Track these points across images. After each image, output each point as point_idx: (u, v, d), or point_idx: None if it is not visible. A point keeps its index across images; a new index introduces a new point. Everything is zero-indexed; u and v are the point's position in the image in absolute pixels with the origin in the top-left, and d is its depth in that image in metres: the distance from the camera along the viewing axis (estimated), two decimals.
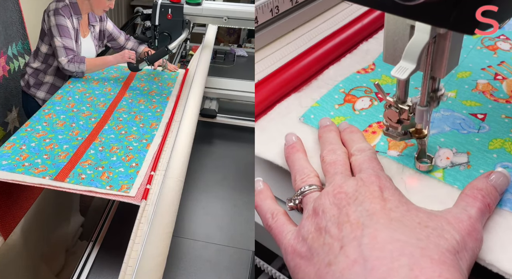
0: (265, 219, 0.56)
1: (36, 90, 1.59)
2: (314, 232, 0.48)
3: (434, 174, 0.60)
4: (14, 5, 1.75)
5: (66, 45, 1.45)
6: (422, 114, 0.62)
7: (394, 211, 0.46)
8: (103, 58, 1.56)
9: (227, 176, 1.32)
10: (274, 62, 0.85)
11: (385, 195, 0.48)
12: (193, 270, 0.99)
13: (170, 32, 1.47)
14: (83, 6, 1.51)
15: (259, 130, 0.71)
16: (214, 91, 1.66)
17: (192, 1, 1.45)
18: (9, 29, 1.74)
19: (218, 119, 1.62)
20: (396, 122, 0.63)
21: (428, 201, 0.55)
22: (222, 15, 1.46)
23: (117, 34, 1.71)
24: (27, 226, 1.27)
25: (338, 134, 0.64)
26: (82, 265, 0.97)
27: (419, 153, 0.67)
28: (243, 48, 2.54)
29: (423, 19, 0.47)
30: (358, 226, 0.45)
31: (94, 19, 1.61)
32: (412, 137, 0.66)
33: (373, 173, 0.52)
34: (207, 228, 1.12)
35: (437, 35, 0.53)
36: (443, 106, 0.71)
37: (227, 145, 1.52)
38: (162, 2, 1.44)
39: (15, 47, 1.81)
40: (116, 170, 1.06)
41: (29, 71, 1.58)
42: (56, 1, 1.47)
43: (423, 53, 0.54)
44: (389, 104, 0.62)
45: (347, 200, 0.48)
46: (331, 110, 0.73)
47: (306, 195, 0.54)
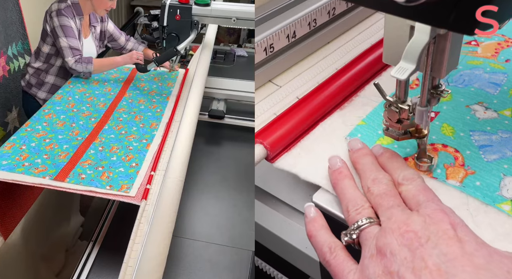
0: (322, 253, 0.51)
1: (37, 90, 1.59)
2: (383, 276, 0.44)
3: (502, 207, 0.54)
4: (14, 5, 1.75)
5: (72, 45, 1.46)
6: (422, 114, 0.62)
7: (477, 256, 0.41)
8: (111, 59, 1.55)
9: (227, 176, 1.32)
10: (313, 77, 0.84)
11: (459, 234, 0.44)
12: (193, 270, 0.99)
13: (178, 33, 1.47)
14: (85, 7, 1.51)
15: (304, 151, 0.68)
16: (220, 92, 1.66)
17: (201, 2, 1.45)
18: (9, 29, 1.74)
19: (209, 119, 1.61)
20: (396, 122, 0.63)
21: (500, 240, 0.50)
22: (231, 16, 1.45)
23: (118, 34, 1.72)
24: (27, 226, 1.27)
25: (375, 158, 0.60)
26: (82, 265, 0.97)
27: (419, 153, 0.67)
28: (243, 48, 2.54)
29: (423, 19, 0.47)
30: (441, 275, 0.40)
31: (95, 20, 1.61)
32: (412, 137, 0.66)
33: (438, 208, 0.47)
34: (207, 228, 1.12)
35: (437, 35, 0.53)
36: (500, 128, 0.65)
37: (227, 145, 1.52)
38: (171, 3, 1.44)
39: (15, 47, 1.81)
40: (116, 170, 1.06)
41: (31, 71, 1.58)
42: (58, 2, 1.47)
43: (423, 53, 0.54)
44: (389, 103, 0.62)
45: (419, 241, 0.44)
46: (379, 129, 0.69)
47: (363, 230, 0.50)
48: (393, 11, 0.49)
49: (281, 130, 0.70)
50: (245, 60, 2.23)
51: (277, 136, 0.69)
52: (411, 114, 0.62)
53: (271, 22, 0.86)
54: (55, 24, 1.45)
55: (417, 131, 0.65)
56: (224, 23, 1.51)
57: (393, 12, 0.49)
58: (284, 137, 0.69)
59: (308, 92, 0.77)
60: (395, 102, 0.61)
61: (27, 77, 1.59)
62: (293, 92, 0.82)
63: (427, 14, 0.45)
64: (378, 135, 0.68)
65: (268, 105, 0.80)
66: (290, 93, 0.81)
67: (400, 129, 0.64)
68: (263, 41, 0.82)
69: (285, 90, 0.83)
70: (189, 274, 0.97)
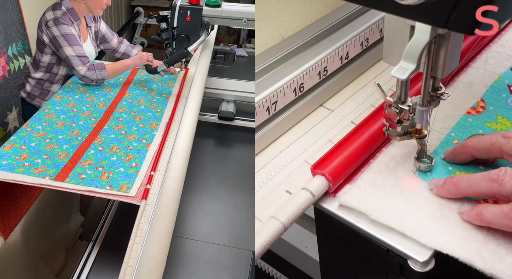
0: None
1: (41, 100, 1.53)
2: None
3: None
4: (14, 5, 1.75)
5: (79, 54, 1.41)
6: (422, 114, 0.62)
7: None
8: (122, 62, 1.52)
9: (227, 176, 1.32)
10: (366, 99, 0.83)
11: None
12: (193, 270, 0.99)
13: (188, 34, 1.45)
14: (80, 10, 1.46)
15: (369, 185, 0.64)
16: (230, 94, 1.64)
17: (212, 3, 1.43)
18: (9, 29, 1.74)
19: (219, 120, 1.61)
20: (396, 122, 0.63)
21: None
22: (242, 17, 1.44)
23: (110, 36, 1.65)
24: (27, 226, 1.27)
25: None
26: (82, 265, 0.97)
27: (419, 153, 0.67)
28: (243, 48, 2.54)
29: (423, 19, 0.47)
30: None
31: (90, 20, 1.57)
32: (412, 137, 0.66)
33: None
34: (207, 228, 1.12)
35: (437, 35, 0.53)
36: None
37: (227, 145, 1.52)
38: (181, 4, 1.42)
39: (15, 47, 1.81)
40: (116, 170, 1.06)
41: (32, 82, 1.52)
42: (52, 10, 1.41)
43: (423, 53, 0.54)
44: (389, 104, 0.62)
45: None
46: (449, 165, 0.66)
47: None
48: (393, 11, 0.49)
49: (341, 159, 0.64)
50: (245, 60, 2.22)
51: (337, 166, 0.63)
52: (411, 115, 0.63)
53: (323, 44, 0.86)
54: (56, 33, 1.39)
55: (417, 131, 0.65)
56: (235, 25, 1.49)
57: (393, 12, 0.49)
58: (345, 168, 0.64)
59: (364, 119, 0.72)
60: (395, 103, 0.61)
61: (28, 89, 1.53)
62: (347, 117, 0.79)
63: (427, 13, 0.45)
64: (449, 172, 0.65)
65: (322, 131, 0.78)
66: (344, 117, 0.79)
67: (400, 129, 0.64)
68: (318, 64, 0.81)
69: (338, 114, 0.81)
70: (189, 274, 0.97)
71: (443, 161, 0.67)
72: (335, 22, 0.90)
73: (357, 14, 0.93)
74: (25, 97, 1.56)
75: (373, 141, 0.68)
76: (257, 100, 0.75)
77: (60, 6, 1.42)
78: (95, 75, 1.43)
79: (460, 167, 0.65)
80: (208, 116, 1.61)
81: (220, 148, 1.50)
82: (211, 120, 1.60)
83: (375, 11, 0.90)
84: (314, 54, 0.84)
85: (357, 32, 0.88)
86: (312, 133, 0.79)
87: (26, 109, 1.59)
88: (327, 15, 0.93)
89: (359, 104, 0.84)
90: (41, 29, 1.43)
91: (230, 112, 1.59)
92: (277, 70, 0.82)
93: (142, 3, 3.44)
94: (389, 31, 0.59)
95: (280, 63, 0.83)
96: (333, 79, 0.87)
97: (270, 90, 0.77)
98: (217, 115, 1.59)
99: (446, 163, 0.67)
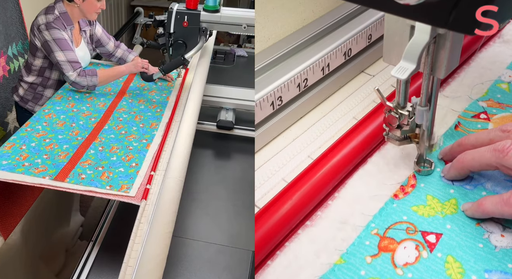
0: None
1: (34, 104, 1.51)
2: None
3: None
4: (14, 5, 1.75)
5: (70, 59, 1.38)
6: (423, 114, 0.62)
7: None
8: (115, 69, 1.48)
9: (227, 176, 1.32)
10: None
11: None
12: (193, 270, 0.99)
13: (186, 40, 1.39)
14: (74, 15, 1.43)
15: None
16: (230, 101, 1.58)
17: (210, 8, 1.37)
18: (9, 29, 1.74)
19: (218, 130, 1.55)
20: (396, 127, 0.63)
21: None
22: (241, 23, 1.37)
23: (106, 40, 1.61)
24: (27, 226, 1.27)
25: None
26: (82, 265, 0.97)
27: (418, 158, 0.67)
28: (243, 48, 2.54)
29: (423, 19, 0.47)
30: None
31: (85, 24, 1.53)
32: (411, 141, 0.66)
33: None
34: (207, 228, 1.11)
35: (437, 35, 0.53)
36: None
37: (227, 145, 1.52)
38: (178, 9, 1.37)
39: (15, 47, 1.81)
40: (116, 170, 1.06)
41: (25, 86, 1.49)
42: (45, 14, 1.38)
43: (423, 53, 0.54)
44: (388, 109, 0.62)
45: None
46: (361, 268, 0.52)
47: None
48: (393, 11, 0.49)
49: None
50: (245, 60, 2.22)
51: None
52: (411, 120, 0.63)
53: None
54: (47, 38, 1.36)
55: (416, 136, 0.66)
56: (234, 30, 1.42)
57: (393, 12, 0.49)
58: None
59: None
60: (395, 108, 0.62)
61: (21, 92, 1.50)
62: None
63: (427, 13, 0.45)
64: (361, 277, 0.52)
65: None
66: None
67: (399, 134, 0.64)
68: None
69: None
70: (189, 274, 0.97)
71: (363, 246, 0.57)
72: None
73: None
74: (18, 101, 1.53)
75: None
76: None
77: (53, 10, 1.39)
78: (85, 81, 1.39)
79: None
80: (206, 125, 1.56)
81: (220, 148, 1.49)
82: (209, 129, 1.55)
83: None
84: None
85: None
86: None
87: (20, 113, 1.56)
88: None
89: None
90: (33, 33, 1.41)
91: (229, 121, 1.52)
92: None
93: (142, 3, 3.44)
94: (389, 31, 0.59)
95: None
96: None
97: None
98: (216, 124, 1.53)
99: (364, 250, 0.56)
